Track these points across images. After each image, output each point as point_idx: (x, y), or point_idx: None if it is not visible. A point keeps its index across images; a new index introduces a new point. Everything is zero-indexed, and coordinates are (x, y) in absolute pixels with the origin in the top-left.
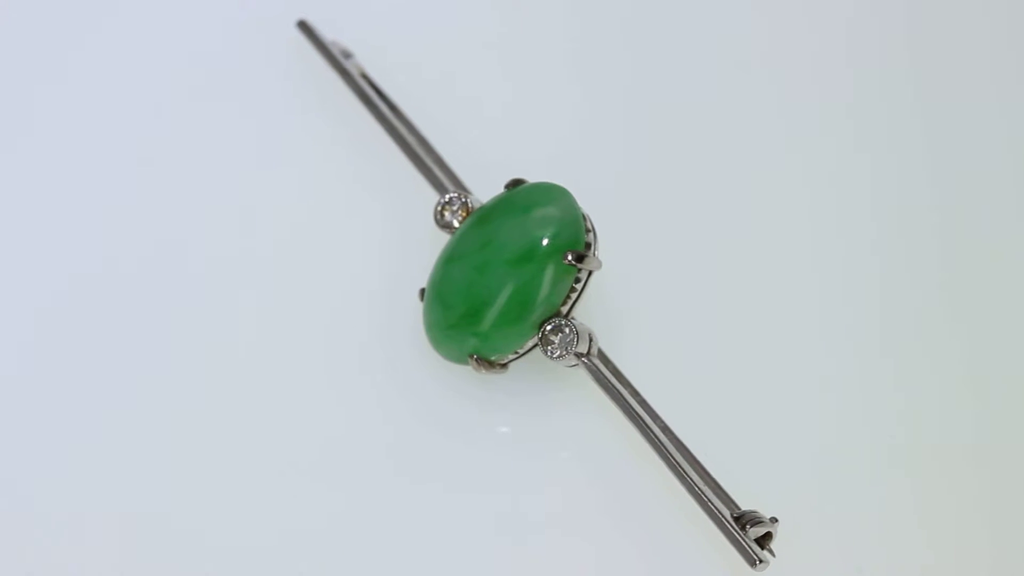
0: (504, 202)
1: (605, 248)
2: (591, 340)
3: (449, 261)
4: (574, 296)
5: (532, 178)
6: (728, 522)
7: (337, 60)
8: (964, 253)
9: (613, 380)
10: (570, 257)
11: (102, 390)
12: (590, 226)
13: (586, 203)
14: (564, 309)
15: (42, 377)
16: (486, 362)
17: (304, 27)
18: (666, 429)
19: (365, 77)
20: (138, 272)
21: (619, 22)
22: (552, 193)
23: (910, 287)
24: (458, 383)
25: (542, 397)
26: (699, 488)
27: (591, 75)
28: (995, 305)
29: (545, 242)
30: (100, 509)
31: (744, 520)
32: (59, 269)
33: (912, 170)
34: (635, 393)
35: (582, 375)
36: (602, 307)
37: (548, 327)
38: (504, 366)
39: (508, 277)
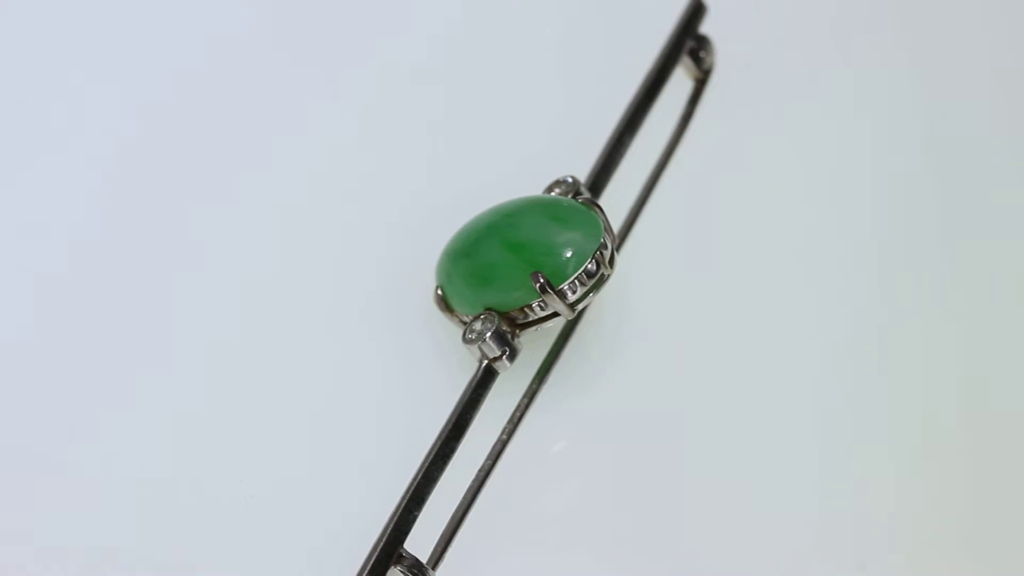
0: (553, 202)
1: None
2: (503, 357)
3: (495, 210)
4: (531, 317)
5: None
6: (382, 545)
7: (680, 44)
8: (971, 255)
9: (482, 400)
10: (541, 280)
11: (104, 343)
12: (586, 279)
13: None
14: (520, 320)
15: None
16: (444, 302)
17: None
18: (484, 471)
19: (700, 82)
20: (140, 217)
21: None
22: (587, 224)
23: (912, 288)
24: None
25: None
26: (406, 517)
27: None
28: (997, 307)
29: (539, 253)
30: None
31: (400, 559)
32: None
33: (916, 171)
34: (509, 432)
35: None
36: (604, 306)
37: (482, 315)
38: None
39: (493, 252)
